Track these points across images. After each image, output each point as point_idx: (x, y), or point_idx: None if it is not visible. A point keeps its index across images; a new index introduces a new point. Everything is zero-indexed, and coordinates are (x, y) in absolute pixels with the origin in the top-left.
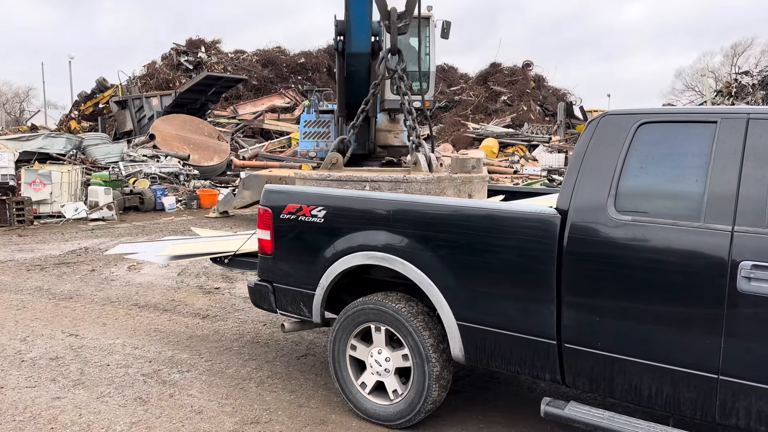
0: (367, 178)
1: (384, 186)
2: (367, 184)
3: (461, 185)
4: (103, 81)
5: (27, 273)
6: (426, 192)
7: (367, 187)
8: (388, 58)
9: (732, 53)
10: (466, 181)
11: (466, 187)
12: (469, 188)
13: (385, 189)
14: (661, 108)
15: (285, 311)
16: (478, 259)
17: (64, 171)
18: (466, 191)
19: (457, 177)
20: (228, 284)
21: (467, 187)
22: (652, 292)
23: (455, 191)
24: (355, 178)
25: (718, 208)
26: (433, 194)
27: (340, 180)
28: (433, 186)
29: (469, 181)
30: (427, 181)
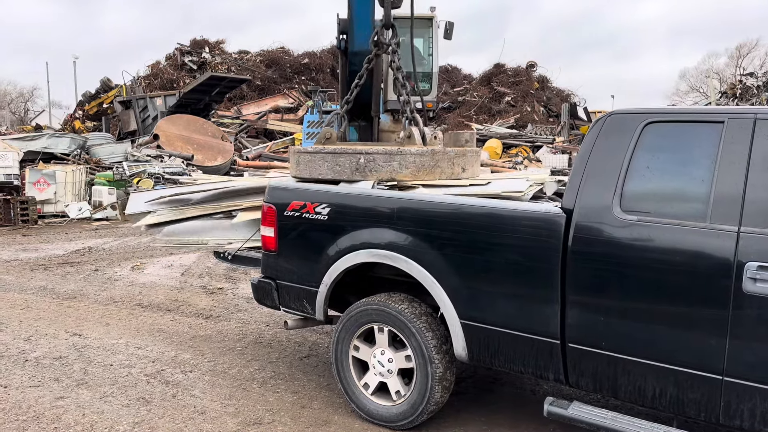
0: (361, 151)
1: (378, 158)
2: (362, 156)
3: (455, 158)
4: (108, 81)
5: (31, 272)
6: (420, 165)
7: (362, 160)
8: (382, 32)
9: (737, 54)
10: (460, 155)
11: (460, 160)
12: (463, 161)
13: (379, 161)
14: (667, 107)
15: (288, 308)
16: (482, 258)
17: (69, 171)
18: (460, 164)
19: (451, 150)
20: (231, 284)
21: (461, 160)
22: (657, 293)
23: (449, 164)
24: (349, 150)
25: (724, 209)
26: (426, 167)
27: (334, 153)
28: (427, 158)
29: (462, 154)
30: (420, 154)
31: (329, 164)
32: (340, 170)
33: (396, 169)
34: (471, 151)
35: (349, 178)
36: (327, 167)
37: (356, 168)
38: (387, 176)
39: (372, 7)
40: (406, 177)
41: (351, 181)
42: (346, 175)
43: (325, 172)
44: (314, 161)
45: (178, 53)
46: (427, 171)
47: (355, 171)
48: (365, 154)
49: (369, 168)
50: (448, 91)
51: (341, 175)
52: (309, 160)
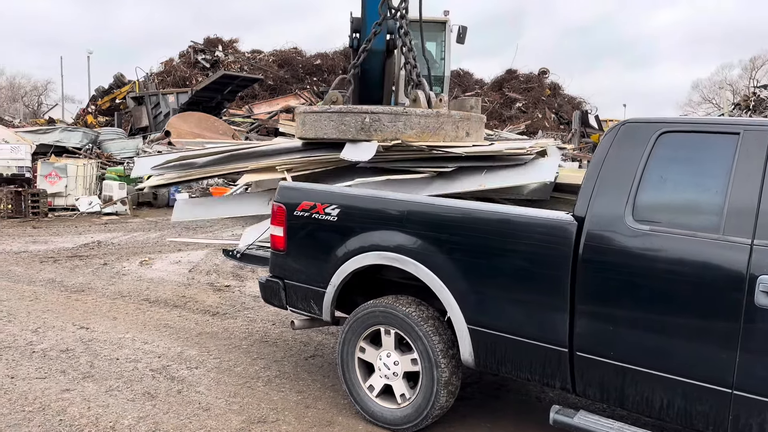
0: (366, 110)
1: (383, 118)
2: (367, 115)
3: (459, 122)
4: (121, 77)
5: (40, 264)
6: (424, 126)
7: (367, 119)
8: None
9: (751, 66)
10: (465, 119)
11: (464, 124)
12: (467, 126)
13: (384, 121)
14: (682, 117)
15: (295, 308)
16: (491, 263)
17: (80, 165)
18: (464, 129)
19: (456, 113)
20: (238, 282)
21: (465, 124)
22: (668, 304)
23: (453, 127)
24: (355, 110)
25: (737, 221)
26: (431, 129)
27: (340, 112)
28: (432, 120)
29: (467, 118)
30: (425, 115)
31: (335, 123)
32: (345, 129)
33: (401, 130)
34: (476, 117)
35: (354, 137)
36: (333, 126)
37: (361, 127)
38: (391, 136)
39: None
40: (410, 138)
41: (356, 140)
42: (351, 134)
43: (331, 131)
44: (320, 120)
45: (191, 51)
46: (432, 133)
47: (360, 130)
48: (371, 114)
49: (374, 128)
50: (459, 95)
51: (346, 134)
52: (315, 120)
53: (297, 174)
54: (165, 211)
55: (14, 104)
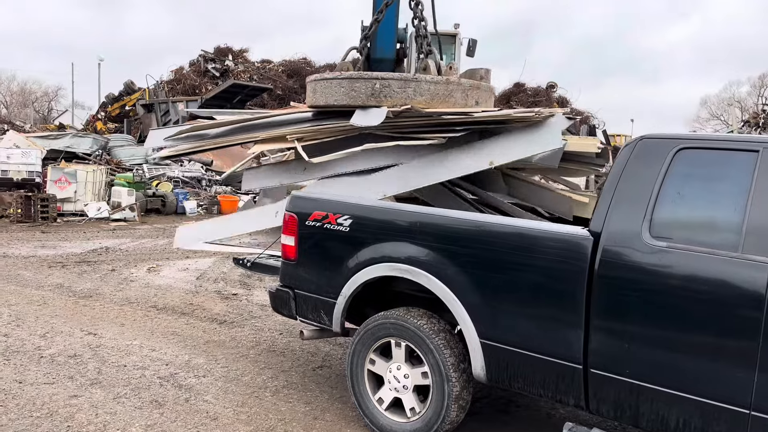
0: (377, 76)
1: (393, 84)
2: (377, 81)
3: (469, 90)
4: (131, 84)
5: (48, 269)
6: (434, 93)
7: (377, 85)
8: None
9: (759, 84)
10: (474, 87)
11: (474, 93)
12: (477, 95)
13: (394, 87)
14: (700, 134)
15: (305, 318)
16: (505, 277)
17: (89, 170)
18: (474, 97)
19: (466, 82)
20: (246, 291)
21: (475, 93)
22: (685, 321)
23: (463, 95)
24: (365, 75)
25: (757, 240)
26: (440, 96)
27: (351, 78)
28: (441, 87)
29: (477, 87)
30: (435, 82)
31: (345, 90)
32: (355, 95)
33: (410, 96)
34: (485, 86)
35: (364, 103)
36: (343, 92)
37: (371, 93)
38: (401, 102)
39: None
40: (420, 104)
41: (366, 106)
42: (362, 100)
43: (341, 98)
44: (330, 87)
45: (201, 60)
46: (441, 100)
47: (371, 96)
48: (381, 80)
49: (384, 93)
50: None
51: (356, 100)
52: (325, 87)
53: (307, 143)
54: (173, 218)
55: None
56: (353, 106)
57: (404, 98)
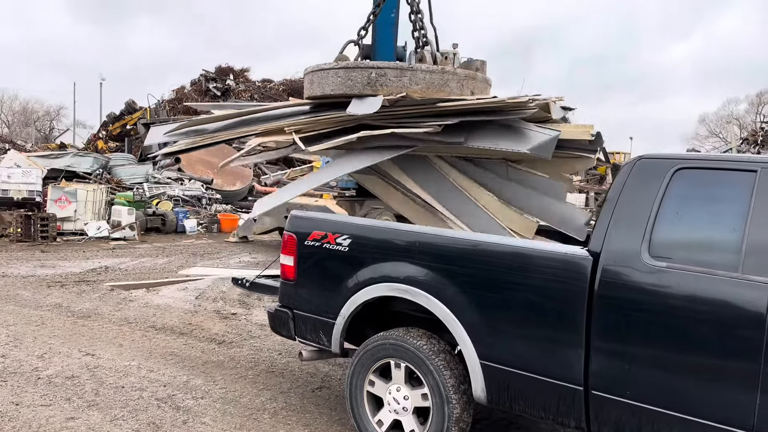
0: (373, 65)
1: (389, 72)
2: (373, 70)
3: (464, 80)
4: (132, 103)
5: (47, 289)
6: (429, 82)
7: (373, 74)
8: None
9: (757, 101)
10: (470, 77)
11: (469, 83)
12: (472, 85)
13: (390, 76)
14: (697, 154)
15: (304, 339)
16: (505, 298)
17: (90, 190)
18: (469, 87)
19: (461, 72)
20: (245, 310)
21: (470, 83)
22: (685, 342)
23: (458, 85)
24: (362, 65)
25: (756, 260)
26: (436, 85)
27: (347, 68)
28: (437, 76)
29: (472, 77)
30: (431, 71)
31: (342, 79)
32: (351, 85)
33: (406, 85)
34: (481, 77)
35: (361, 92)
36: (340, 82)
37: (368, 82)
38: (397, 91)
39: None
40: (415, 93)
41: (362, 95)
42: (358, 89)
43: (338, 87)
44: (327, 77)
45: (202, 79)
46: (437, 89)
47: (367, 85)
48: (377, 69)
49: (380, 83)
50: None
51: (353, 89)
52: (322, 77)
53: (305, 135)
54: (173, 237)
55: (27, 129)
56: (350, 96)
57: (400, 87)
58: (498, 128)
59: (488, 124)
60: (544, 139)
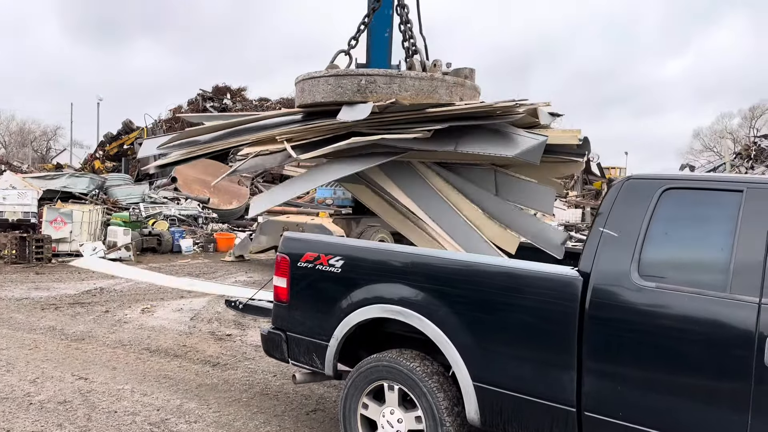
0: (363, 72)
1: (379, 80)
2: (363, 77)
3: (453, 87)
4: (129, 123)
5: (41, 312)
6: (419, 89)
7: (363, 81)
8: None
9: (750, 116)
10: (458, 84)
11: (458, 90)
12: (461, 92)
13: (379, 83)
14: (685, 174)
15: (297, 361)
16: (496, 319)
17: (85, 210)
18: (458, 94)
19: (450, 78)
20: (240, 331)
21: (459, 90)
22: (676, 362)
23: (447, 92)
24: (351, 72)
25: (744, 279)
26: (425, 91)
27: (337, 75)
28: (426, 83)
29: (461, 84)
30: (420, 78)
31: (332, 86)
32: (342, 92)
33: (395, 92)
34: (470, 84)
35: (351, 99)
36: (330, 89)
37: (357, 89)
38: (386, 98)
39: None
40: (405, 99)
41: (352, 102)
42: (348, 96)
43: (328, 94)
44: (318, 85)
45: (199, 98)
46: (426, 96)
47: (357, 92)
48: (366, 76)
49: (370, 89)
50: None
51: (343, 96)
52: (313, 85)
53: (296, 143)
54: (168, 257)
55: (24, 149)
56: (340, 103)
57: (389, 94)
58: (487, 133)
59: (477, 130)
60: (532, 143)
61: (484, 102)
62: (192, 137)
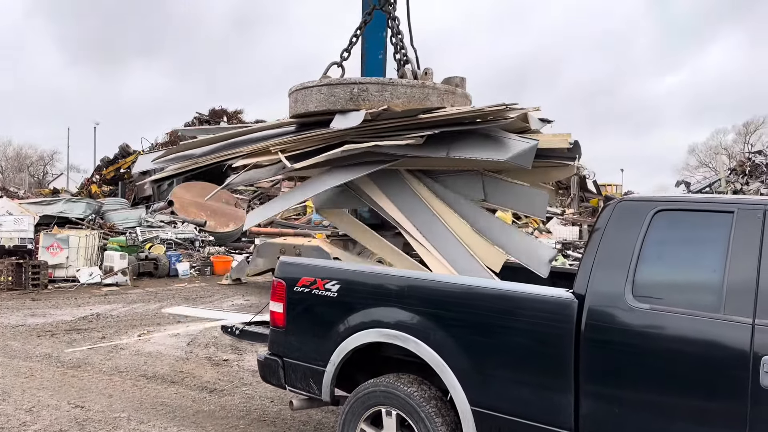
0: (355, 81)
1: (371, 88)
2: (355, 86)
3: (444, 94)
4: (126, 147)
5: (37, 339)
6: (410, 96)
7: (355, 89)
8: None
9: (744, 131)
10: (449, 92)
11: (449, 97)
12: (452, 99)
13: (371, 91)
14: (676, 195)
15: (294, 388)
16: (492, 342)
17: (82, 236)
18: (449, 101)
19: (441, 86)
20: (237, 356)
21: (450, 97)
22: (672, 384)
23: (438, 99)
24: (344, 81)
25: (737, 300)
26: (416, 99)
27: (330, 84)
28: (417, 90)
29: (452, 92)
30: (411, 86)
31: (325, 95)
32: (335, 100)
33: (387, 99)
34: (461, 93)
35: (344, 107)
36: (323, 98)
37: (350, 98)
38: (379, 105)
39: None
40: (397, 107)
41: (345, 110)
42: (341, 104)
43: (321, 103)
44: (311, 94)
45: (196, 122)
46: (417, 103)
47: (349, 101)
48: (359, 84)
49: (362, 97)
50: None
51: (336, 104)
52: (306, 95)
53: (290, 154)
54: (165, 281)
55: (20, 174)
56: (333, 111)
57: (382, 101)
58: (478, 138)
59: (469, 135)
60: (523, 147)
61: (475, 107)
62: (187, 151)
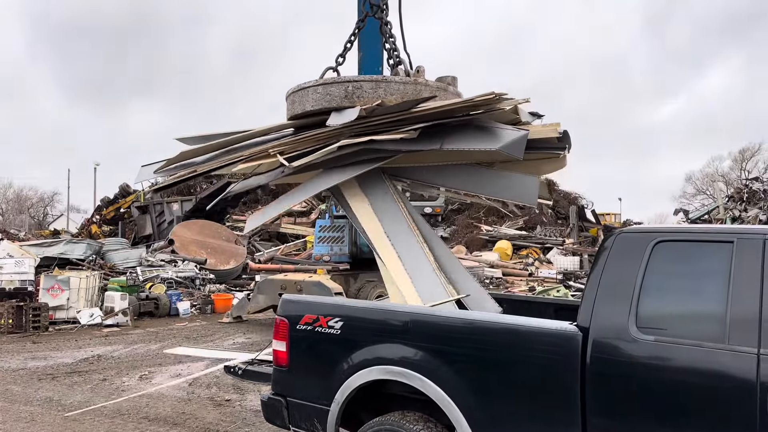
0: (349, 79)
1: (365, 85)
2: (350, 84)
3: (436, 90)
4: (126, 187)
5: (38, 382)
6: (403, 92)
7: (350, 87)
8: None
9: (740, 158)
10: (442, 89)
11: (442, 94)
12: (444, 96)
13: (366, 88)
14: (675, 226)
15: (298, 428)
16: (497, 377)
17: (82, 277)
18: (442, 98)
19: (433, 83)
20: (239, 395)
21: (442, 94)
22: (679, 415)
23: (430, 95)
24: (339, 80)
25: (741, 330)
26: (410, 95)
27: (325, 84)
28: (410, 87)
29: (444, 89)
30: (404, 82)
31: (320, 94)
32: (330, 99)
33: (381, 96)
34: (453, 90)
35: (339, 105)
36: (319, 97)
37: (345, 95)
38: (373, 102)
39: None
40: (390, 102)
41: (340, 108)
42: (336, 102)
43: (318, 102)
44: (307, 94)
45: None
46: (410, 99)
47: (344, 98)
48: (353, 82)
49: (357, 95)
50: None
51: (331, 103)
52: (302, 95)
53: (289, 155)
54: (166, 321)
55: (21, 215)
56: (329, 110)
57: (376, 98)
58: (471, 130)
59: (461, 128)
60: (515, 136)
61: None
62: (187, 159)
